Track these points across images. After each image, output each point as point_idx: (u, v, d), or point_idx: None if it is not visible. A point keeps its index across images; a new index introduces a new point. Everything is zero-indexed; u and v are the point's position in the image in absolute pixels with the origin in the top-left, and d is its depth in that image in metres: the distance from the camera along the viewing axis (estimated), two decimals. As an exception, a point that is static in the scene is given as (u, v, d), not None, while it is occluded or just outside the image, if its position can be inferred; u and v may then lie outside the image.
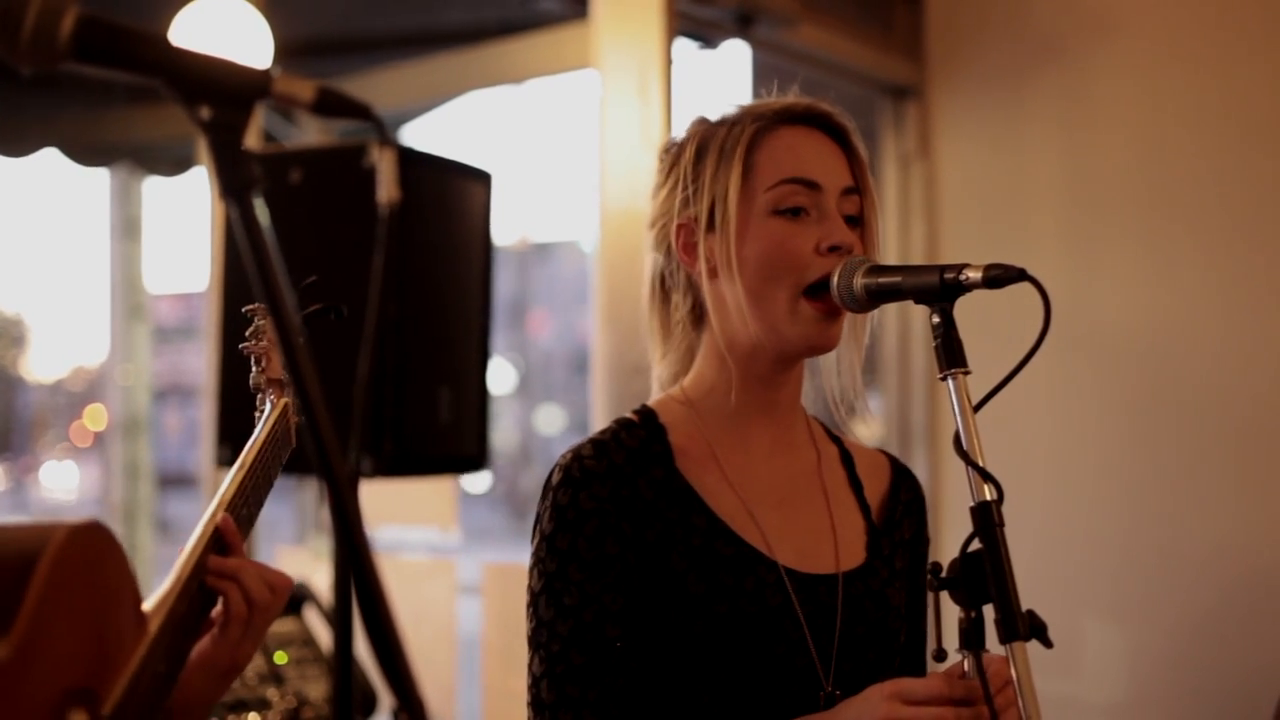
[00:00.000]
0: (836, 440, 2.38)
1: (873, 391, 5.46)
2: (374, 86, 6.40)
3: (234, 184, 1.46)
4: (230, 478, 1.93)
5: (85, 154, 7.80)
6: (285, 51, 4.68)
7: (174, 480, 17.19)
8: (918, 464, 5.34)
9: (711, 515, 2.16)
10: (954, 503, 5.00)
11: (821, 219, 2.16)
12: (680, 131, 2.31)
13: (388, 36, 6.83)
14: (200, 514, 1.85)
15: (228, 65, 1.48)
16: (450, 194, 3.51)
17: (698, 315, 2.27)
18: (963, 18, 5.54)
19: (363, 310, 3.31)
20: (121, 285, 9.07)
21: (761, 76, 5.97)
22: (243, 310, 2.17)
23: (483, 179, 3.60)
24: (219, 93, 1.47)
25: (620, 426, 2.22)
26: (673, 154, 2.28)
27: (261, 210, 1.49)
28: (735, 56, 5.73)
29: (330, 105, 1.51)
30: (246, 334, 2.12)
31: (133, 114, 7.17)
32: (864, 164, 2.25)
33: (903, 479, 2.41)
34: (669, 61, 4.12)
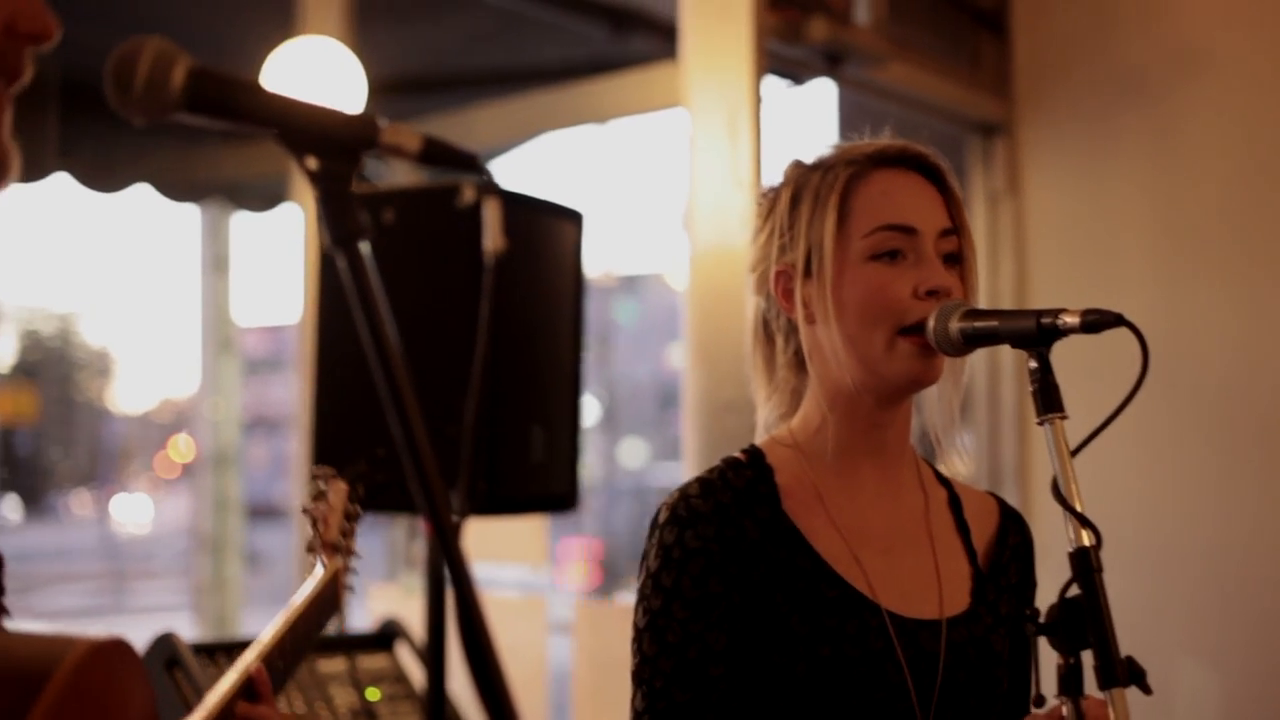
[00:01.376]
0: (946, 483, 2.37)
1: (963, 430, 5.44)
2: (464, 124, 6.45)
3: (342, 234, 1.48)
4: (271, 629, 1.96)
5: (177, 190, 7.89)
6: (377, 90, 4.72)
7: (260, 511, 17.28)
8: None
9: (816, 557, 2.16)
10: (1044, 542, 4.96)
11: (919, 262, 2.15)
12: (776, 176, 2.31)
13: (478, 74, 6.88)
14: (288, 546, 1.88)
15: (335, 116, 1.50)
16: (542, 233, 3.52)
17: (801, 358, 2.26)
18: (1050, 54, 5.52)
19: (457, 348, 3.35)
20: (211, 319, 9.16)
21: (848, 113, 5.98)
22: (310, 475, 2.19)
23: (573, 218, 3.61)
24: (327, 144, 1.48)
25: (727, 466, 2.21)
26: (769, 200, 2.28)
27: (369, 259, 1.51)
28: (822, 93, 5.74)
29: (437, 155, 1.52)
30: (310, 496, 2.14)
31: (224, 151, 7.26)
32: (960, 204, 2.24)
33: (1011, 522, 2.39)
34: (758, 100, 4.13)
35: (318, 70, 4.41)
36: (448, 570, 1.43)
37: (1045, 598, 1.97)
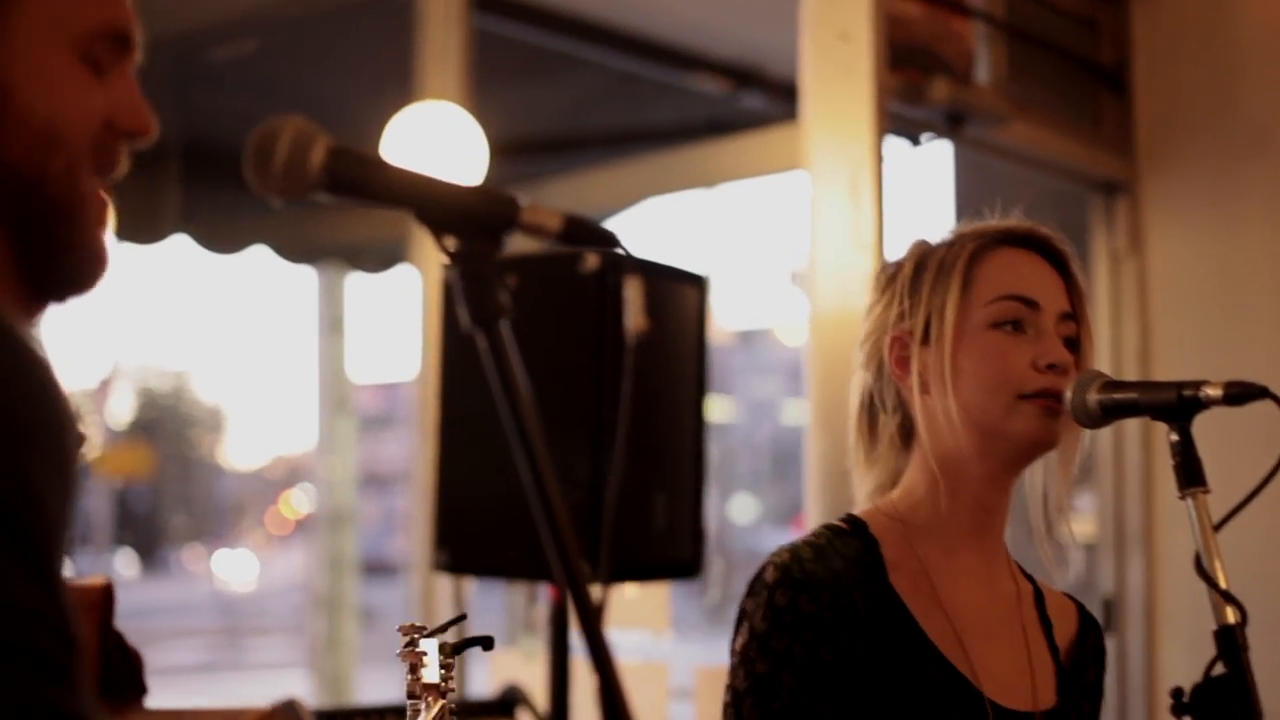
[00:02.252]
0: (1029, 578, 2.34)
1: (1085, 492, 5.36)
2: (581, 186, 6.47)
3: (482, 314, 1.48)
4: None
5: (294, 252, 7.98)
6: (496, 152, 4.74)
7: (371, 567, 17.38)
8: (1133, 566, 5.22)
9: (922, 636, 2.12)
10: (1171, 610, 4.89)
11: (1039, 336, 2.15)
12: (899, 251, 2.31)
13: (595, 136, 6.90)
14: (400, 602, 1.87)
15: (474, 194, 1.49)
16: (665, 299, 3.52)
17: (906, 432, 2.24)
18: (1173, 110, 5.46)
19: (577, 412, 3.35)
20: (327, 378, 9.25)
21: (965, 172, 5.95)
22: (397, 630, 2.18)
23: (697, 283, 3.61)
24: (467, 224, 1.48)
25: (833, 534, 2.17)
26: (889, 272, 2.28)
27: (510, 339, 1.50)
28: (940, 153, 5.71)
29: (577, 234, 1.52)
30: (405, 643, 2.14)
31: (342, 215, 7.32)
32: (1082, 295, 2.23)
33: (1090, 625, 2.36)
34: (879, 162, 4.11)
35: (438, 135, 4.44)
36: (586, 639, 1.43)
37: (1185, 676, 1.93)
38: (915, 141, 4.92)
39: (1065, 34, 5.32)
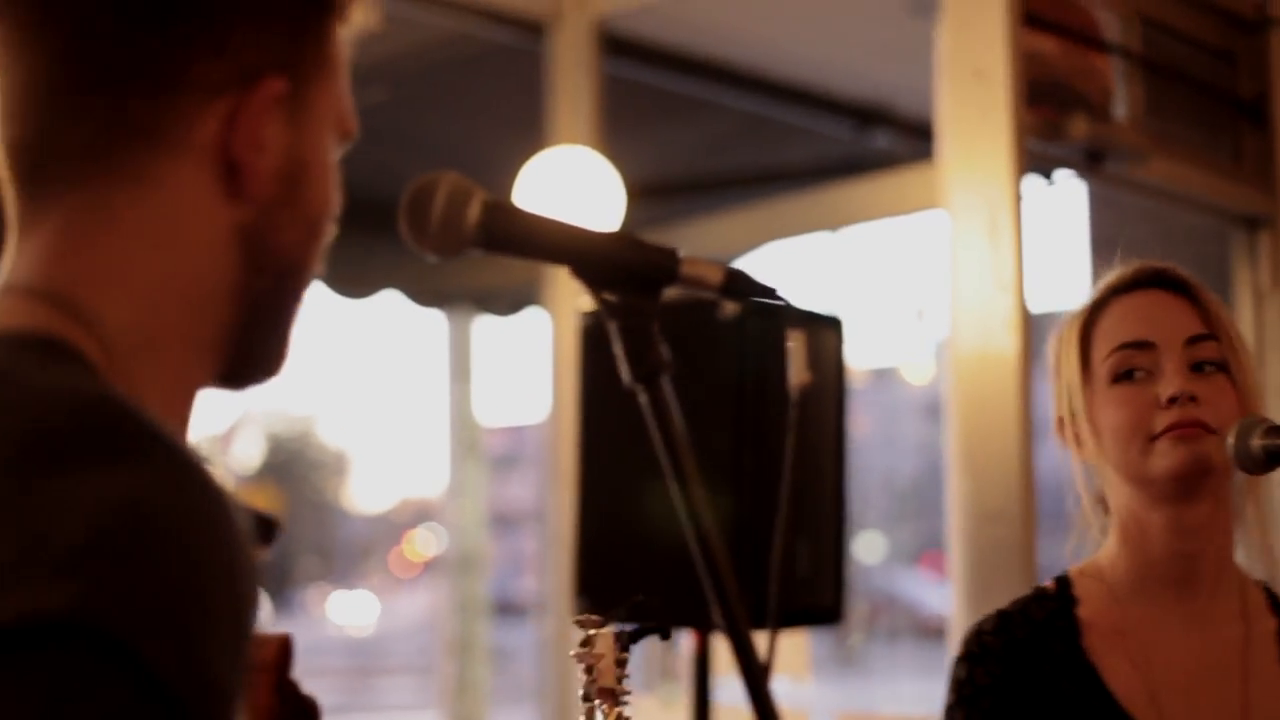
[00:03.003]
0: None
1: None
2: (711, 229, 6.45)
3: (642, 370, 1.45)
4: None
5: (424, 296, 8.03)
6: (630, 194, 4.73)
7: (497, 608, 17.43)
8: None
9: (1108, 698, 2.12)
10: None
11: (1159, 375, 2.14)
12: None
13: (725, 179, 6.90)
14: (528, 643, 1.85)
15: (633, 247, 1.47)
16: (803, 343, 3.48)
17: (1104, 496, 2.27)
18: (1314, 143, 5.36)
19: (712, 461, 3.32)
20: (456, 421, 9.27)
21: (1101, 209, 5.87)
22: (574, 621, 2.17)
23: (834, 326, 3.57)
24: (626, 278, 1.46)
25: (1033, 597, 2.23)
26: (1046, 357, 2.34)
27: (670, 395, 1.48)
28: (1074, 189, 5.64)
29: (738, 288, 1.49)
30: (579, 642, 2.12)
31: (475, 260, 7.35)
32: (1215, 308, 2.21)
33: None
34: (1018, 201, 4.05)
35: (574, 180, 4.43)
36: (747, 687, 1.42)
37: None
38: (1049, 178, 4.87)
39: (1203, 67, 5.24)
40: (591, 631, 2.08)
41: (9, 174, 1.27)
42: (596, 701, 2.04)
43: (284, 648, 1.42)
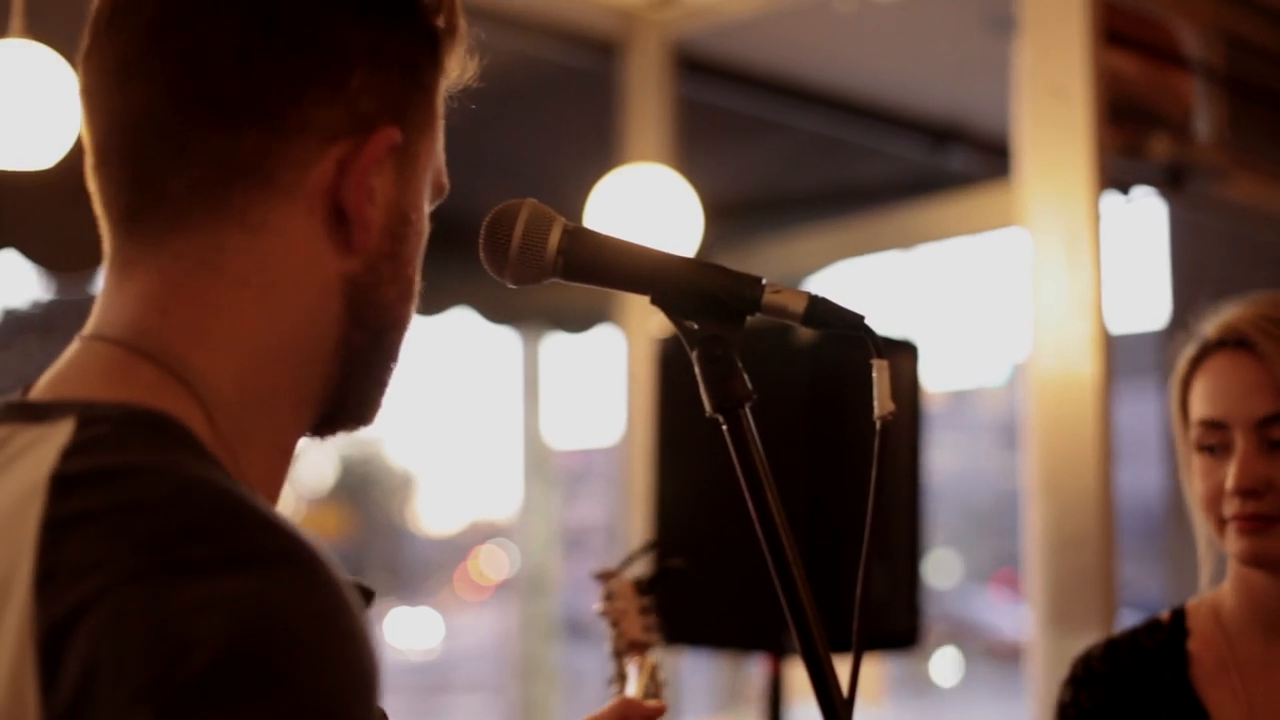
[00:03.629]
0: None
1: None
2: (784, 249, 6.42)
3: (724, 401, 1.43)
4: None
5: (496, 313, 8.01)
6: (704, 214, 4.69)
7: (565, 627, 17.42)
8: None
9: None
10: None
11: (1230, 457, 2.13)
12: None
13: (804, 196, 6.87)
14: (597, 664, 1.84)
15: (716, 275, 1.45)
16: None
17: None
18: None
19: (788, 486, 3.28)
20: (527, 441, 9.27)
21: (1181, 228, 5.81)
22: (593, 576, 2.15)
23: (909, 350, 3.54)
24: (709, 307, 1.43)
25: (1145, 626, 2.25)
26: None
27: (751, 425, 1.45)
28: (1153, 207, 5.58)
29: (822, 317, 1.46)
30: (602, 597, 2.10)
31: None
32: None
33: None
34: (1098, 221, 3.99)
35: (649, 198, 4.40)
36: (823, 713, 1.43)
37: None
38: (1127, 193, 4.81)
39: (1286, 84, 5.18)
40: (613, 585, 2.06)
41: (107, 211, 1.23)
42: (627, 655, 2.02)
43: None
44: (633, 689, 1.97)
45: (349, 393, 1.27)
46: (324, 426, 1.29)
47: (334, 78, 1.19)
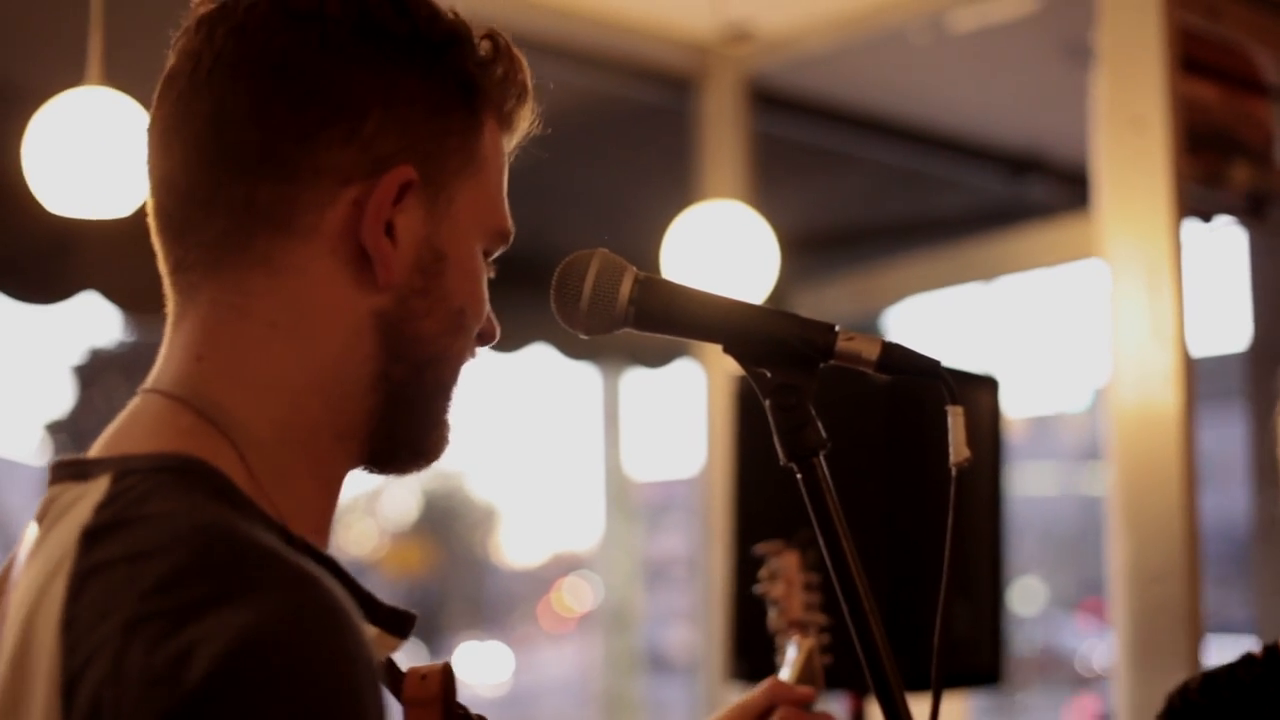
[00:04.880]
0: None
1: None
2: (868, 281, 6.41)
3: (798, 449, 1.43)
4: None
5: (575, 349, 8.02)
6: (780, 249, 4.69)
7: (647, 659, 17.38)
8: None
9: None
10: None
11: None
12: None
13: (882, 229, 6.85)
14: (679, 697, 1.81)
15: (789, 322, 1.45)
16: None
17: None
18: None
19: (866, 526, 3.27)
20: (608, 474, 9.26)
21: (1262, 257, 5.74)
22: (754, 553, 2.14)
23: (989, 386, 3.52)
24: (782, 355, 1.43)
25: (1240, 662, 2.22)
26: None
27: (826, 474, 1.45)
28: (1233, 235, 5.52)
29: (896, 364, 1.46)
30: (761, 576, 2.07)
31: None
32: None
33: None
34: (1178, 250, 3.95)
35: (725, 234, 4.39)
36: None
37: None
38: (1208, 220, 4.76)
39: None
40: (775, 563, 2.02)
41: (165, 268, 1.29)
42: (786, 634, 1.99)
43: (447, 677, 1.41)
44: (786, 672, 1.94)
45: (398, 426, 1.30)
46: (383, 461, 1.32)
47: (348, 123, 1.24)
